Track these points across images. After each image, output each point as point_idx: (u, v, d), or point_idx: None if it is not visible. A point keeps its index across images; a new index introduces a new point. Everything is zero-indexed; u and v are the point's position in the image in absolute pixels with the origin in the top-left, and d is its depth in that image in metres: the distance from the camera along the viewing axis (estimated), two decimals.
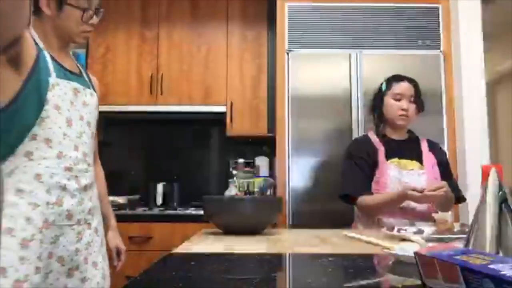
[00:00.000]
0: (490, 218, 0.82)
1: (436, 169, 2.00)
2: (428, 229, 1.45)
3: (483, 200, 0.85)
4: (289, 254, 1.22)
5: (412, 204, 1.88)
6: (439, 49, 2.81)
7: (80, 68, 1.51)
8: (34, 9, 1.37)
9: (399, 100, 2.01)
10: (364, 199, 1.95)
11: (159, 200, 3.21)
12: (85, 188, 1.39)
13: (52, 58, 1.35)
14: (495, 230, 0.81)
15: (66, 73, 1.39)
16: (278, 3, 2.85)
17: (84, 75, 1.51)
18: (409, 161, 1.99)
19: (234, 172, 3.37)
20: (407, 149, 2.03)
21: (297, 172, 2.66)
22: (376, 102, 2.09)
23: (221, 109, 3.23)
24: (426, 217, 1.91)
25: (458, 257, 0.64)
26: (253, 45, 3.28)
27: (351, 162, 2.03)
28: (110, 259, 1.59)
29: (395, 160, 1.98)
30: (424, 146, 2.07)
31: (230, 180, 3.25)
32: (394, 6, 2.84)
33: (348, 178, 2.03)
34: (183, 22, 3.27)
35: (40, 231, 1.25)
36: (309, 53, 2.80)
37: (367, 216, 1.99)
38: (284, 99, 2.74)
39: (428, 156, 2.03)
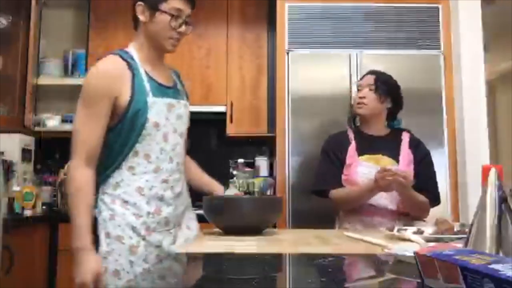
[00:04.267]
0: (490, 218, 0.82)
1: (411, 167, 1.95)
2: (428, 229, 1.45)
3: (483, 200, 0.85)
4: (289, 254, 1.22)
5: (382, 203, 1.88)
6: (439, 49, 2.81)
7: (174, 77, 1.66)
8: (134, 23, 1.56)
9: (359, 91, 2.05)
10: (336, 192, 1.96)
11: None
12: (178, 195, 1.55)
13: (148, 75, 1.50)
14: (495, 230, 0.81)
15: (161, 89, 1.52)
16: (278, 3, 2.84)
17: (178, 83, 1.66)
18: (382, 157, 1.96)
19: (234, 172, 3.36)
20: (382, 145, 1.99)
21: (297, 172, 2.66)
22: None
23: (221, 109, 3.22)
24: (394, 216, 1.90)
25: (458, 257, 0.64)
26: (253, 45, 3.28)
27: (323, 157, 2.06)
28: None
29: (366, 156, 1.96)
30: (405, 142, 2.02)
31: (230, 180, 3.24)
32: (394, 6, 2.84)
33: (319, 173, 2.06)
34: None
35: (143, 238, 1.42)
36: (309, 53, 2.79)
37: (343, 216, 2.00)
38: (284, 99, 2.74)
39: (405, 154, 1.98)
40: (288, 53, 2.78)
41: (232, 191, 3.12)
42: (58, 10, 3.43)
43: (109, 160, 1.44)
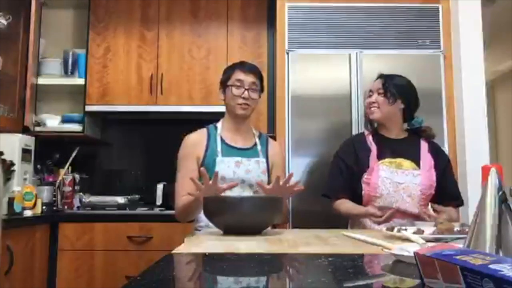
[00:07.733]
0: (490, 218, 0.82)
1: (433, 172, 1.97)
2: (428, 229, 1.45)
3: (483, 200, 0.85)
4: (289, 254, 1.22)
5: (403, 206, 1.89)
6: (439, 49, 2.81)
7: (257, 140, 2.06)
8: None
9: (370, 96, 2.07)
10: (337, 205, 2.04)
11: (159, 200, 3.21)
12: None
13: (223, 141, 1.98)
14: (495, 230, 0.81)
15: (233, 151, 1.97)
16: (278, 3, 2.84)
17: (258, 146, 2.04)
18: (403, 160, 1.97)
19: None
20: (402, 148, 2.01)
21: (297, 172, 2.66)
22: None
23: (221, 109, 3.21)
24: (414, 218, 1.91)
25: (458, 257, 0.64)
26: (253, 45, 3.28)
27: (335, 163, 2.08)
28: None
29: (387, 160, 1.96)
30: (424, 147, 2.04)
31: None
32: (394, 6, 2.84)
33: (329, 179, 2.10)
34: (183, 22, 3.27)
35: None
36: (309, 53, 2.79)
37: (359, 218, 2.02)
38: (284, 99, 2.74)
39: (426, 158, 2.00)
40: (288, 53, 2.78)
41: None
42: (58, 10, 3.43)
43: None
